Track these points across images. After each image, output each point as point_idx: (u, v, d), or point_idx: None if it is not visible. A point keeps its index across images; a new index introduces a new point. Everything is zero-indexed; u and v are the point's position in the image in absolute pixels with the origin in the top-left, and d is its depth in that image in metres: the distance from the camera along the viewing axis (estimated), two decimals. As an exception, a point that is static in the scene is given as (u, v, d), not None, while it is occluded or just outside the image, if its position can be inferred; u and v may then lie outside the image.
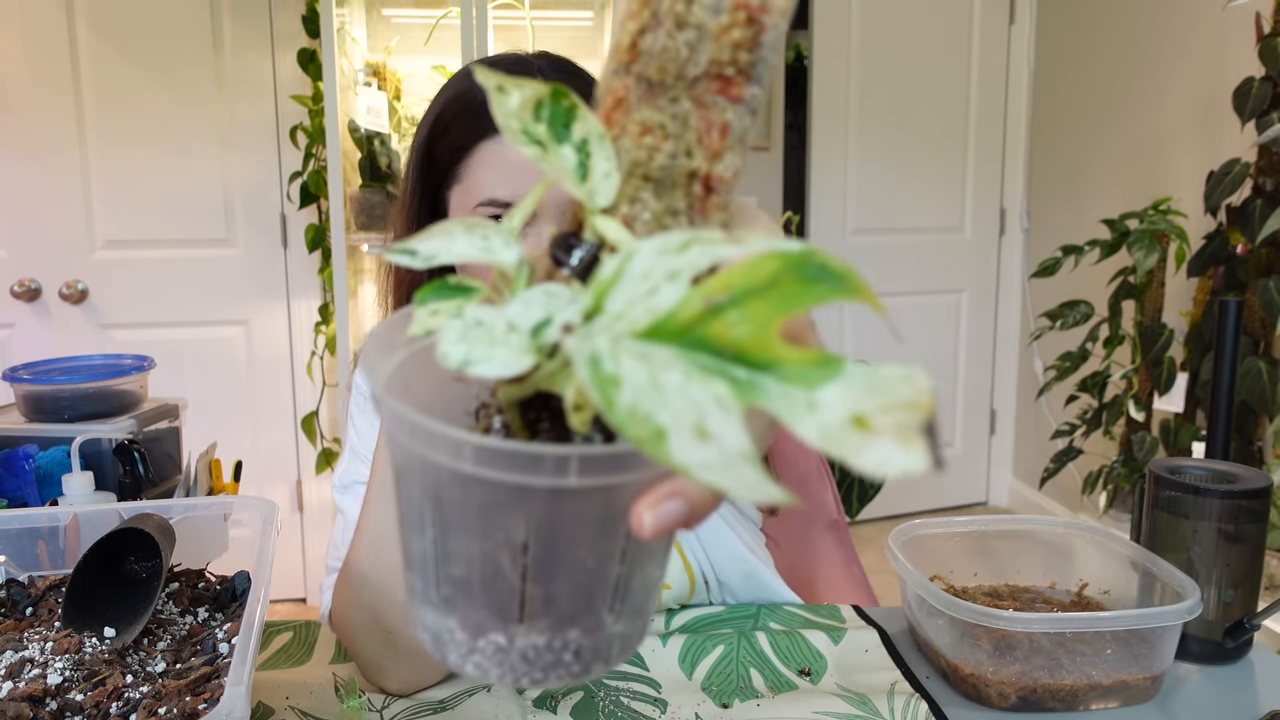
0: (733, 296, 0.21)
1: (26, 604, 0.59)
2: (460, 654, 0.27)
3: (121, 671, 0.51)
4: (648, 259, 0.22)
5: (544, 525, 0.25)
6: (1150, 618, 0.62)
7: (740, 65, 0.26)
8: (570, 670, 0.27)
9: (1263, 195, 1.75)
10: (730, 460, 0.20)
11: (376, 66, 2.07)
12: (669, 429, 0.20)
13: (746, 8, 0.25)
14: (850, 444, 0.19)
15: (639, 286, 0.22)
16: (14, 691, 0.49)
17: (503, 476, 0.23)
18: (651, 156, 0.27)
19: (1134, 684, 0.64)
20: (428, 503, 0.26)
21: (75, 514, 0.62)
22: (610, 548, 0.26)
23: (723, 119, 0.26)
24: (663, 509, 0.23)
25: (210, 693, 0.49)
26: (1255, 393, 1.69)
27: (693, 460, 0.19)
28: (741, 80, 0.26)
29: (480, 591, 0.26)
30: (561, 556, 0.26)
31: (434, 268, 0.51)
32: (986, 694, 0.64)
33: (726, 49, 0.26)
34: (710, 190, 0.27)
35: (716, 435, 0.20)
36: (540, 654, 0.27)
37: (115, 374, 0.79)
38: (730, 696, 0.64)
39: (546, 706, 0.63)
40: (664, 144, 0.27)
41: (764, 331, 0.21)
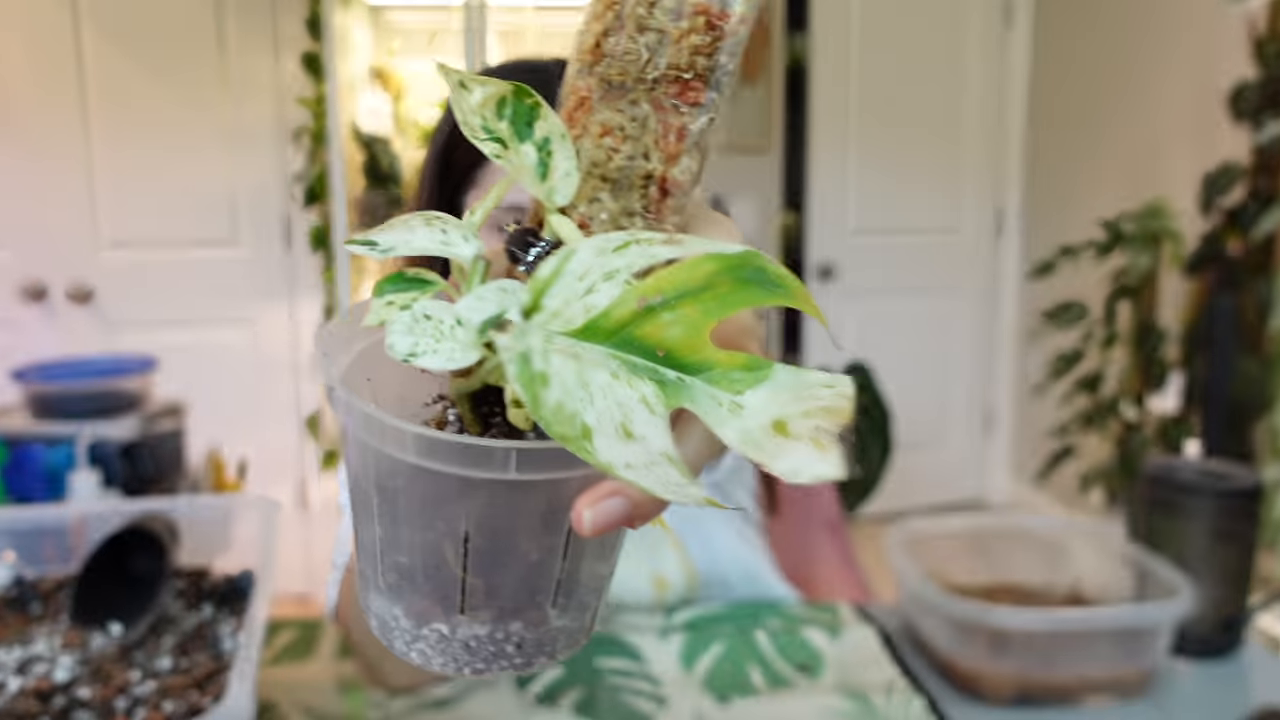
0: (666, 298, 0.21)
1: (34, 601, 0.60)
2: (405, 641, 0.28)
3: (127, 668, 0.52)
4: (586, 258, 0.22)
5: (485, 518, 0.25)
6: (1143, 614, 0.63)
7: (698, 70, 0.26)
8: (513, 662, 0.28)
9: (1257, 196, 1.76)
10: (654, 460, 0.20)
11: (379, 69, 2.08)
12: (594, 428, 0.20)
13: (706, 13, 0.26)
14: (768, 448, 0.19)
15: (576, 285, 0.22)
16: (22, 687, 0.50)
17: (444, 468, 0.24)
18: (610, 157, 0.27)
19: (1128, 680, 0.65)
20: (375, 491, 0.26)
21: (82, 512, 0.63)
22: (553, 543, 0.26)
23: (680, 122, 0.26)
24: (603, 507, 0.23)
25: (215, 689, 0.50)
26: (1249, 392, 1.70)
27: (616, 459, 0.19)
28: (699, 85, 0.26)
29: (424, 581, 0.27)
30: (503, 549, 0.26)
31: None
32: (982, 690, 0.65)
33: (685, 53, 0.26)
34: (666, 193, 0.27)
35: (640, 435, 0.20)
36: (482, 644, 0.27)
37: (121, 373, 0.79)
38: (729, 693, 0.65)
39: (547, 704, 0.64)
40: (622, 145, 0.27)
41: (696, 333, 0.21)
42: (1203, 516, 0.70)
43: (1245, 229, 1.73)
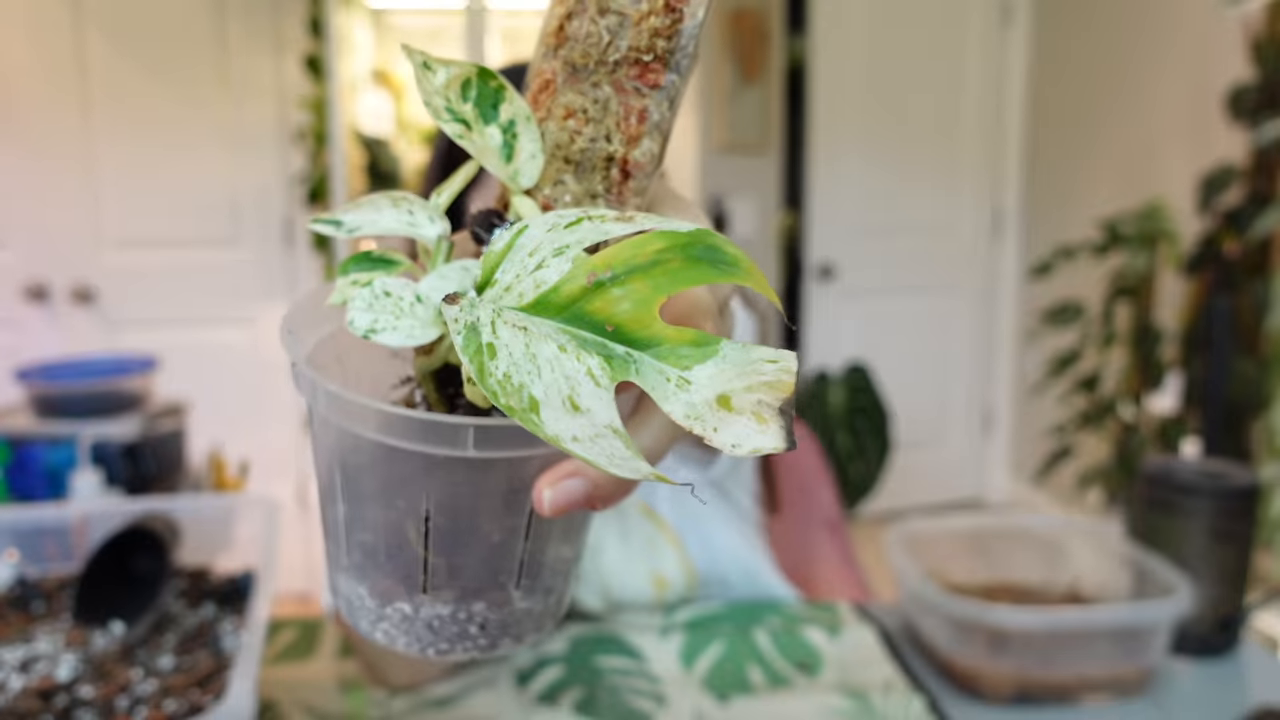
0: (615, 273, 0.21)
1: (36, 600, 0.60)
2: (370, 621, 0.28)
3: (129, 667, 0.52)
4: (538, 234, 0.22)
5: (447, 496, 0.25)
6: (1142, 613, 0.64)
7: (658, 52, 0.26)
8: (477, 644, 0.27)
9: (1254, 197, 1.76)
10: (600, 433, 0.20)
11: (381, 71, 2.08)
12: (541, 400, 0.20)
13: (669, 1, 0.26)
14: (710, 422, 0.20)
15: (527, 260, 0.22)
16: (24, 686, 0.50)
17: (403, 444, 0.24)
18: (573, 140, 0.27)
19: (1126, 678, 0.65)
20: (339, 470, 0.26)
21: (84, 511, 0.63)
22: (515, 523, 0.26)
23: (641, 105, 0.27)
24: (563, 487, 0.23)
25: (216, 688, 0.50)
26: (1245, 392, 1.71)
27: (563, 431, 0.19)
28: (659, 67, 0.26)
29: (387, 560, 0.27)
30: (465, 529, 0.26)
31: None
32: (982, 689, 0.65)
33: (645, 36, 0.26)
34: (627, 175, 0.27)
35: (587, 408, 0.20)
36: (445, 624, 0.27)
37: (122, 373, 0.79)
38: (729, 692, 0.65)
39: (547, 702, 0.64)
40: (585, 128, 0.27)
41: (645, 309, 0.21)
42: (1200, 516, 0.70)
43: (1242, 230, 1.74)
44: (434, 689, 0.66)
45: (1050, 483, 2.57)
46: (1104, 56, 2.43)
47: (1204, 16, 2.01)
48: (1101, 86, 2.45)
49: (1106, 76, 2.43)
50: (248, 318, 2.22)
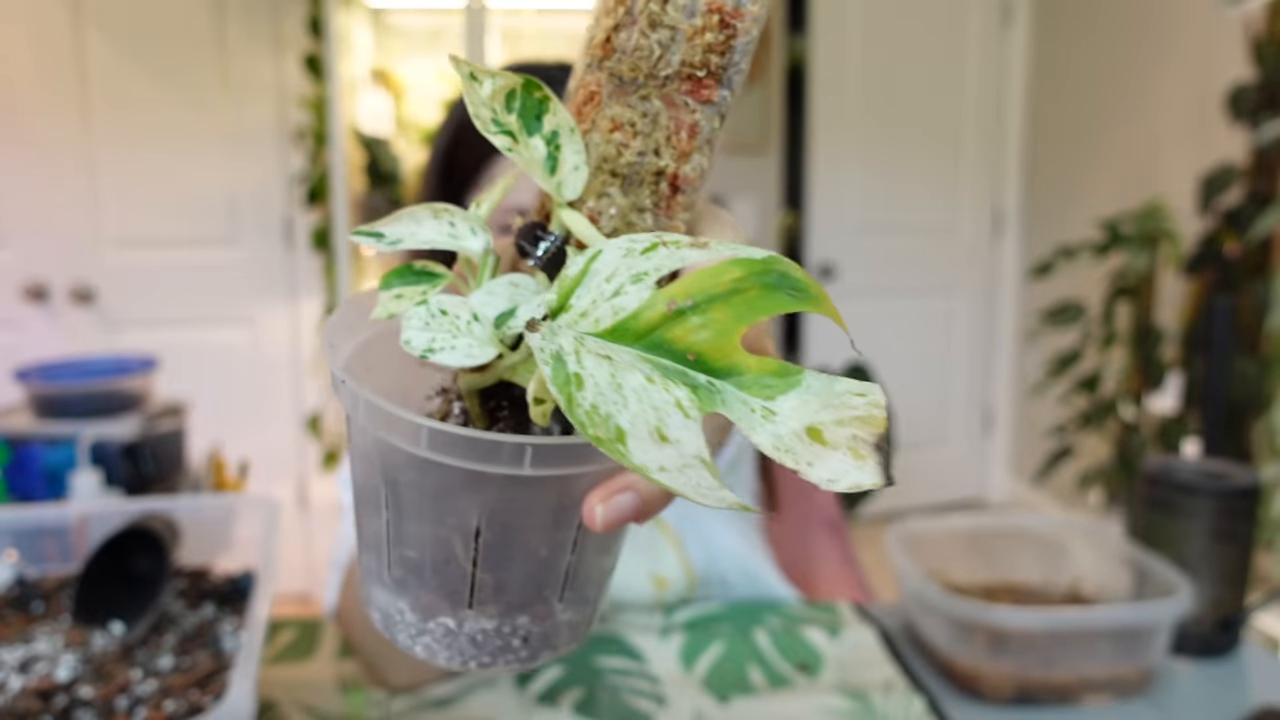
0: (696, 301, 0.21)
1: (35, 600, 0.60)
2: (409, 635, 0.27)
3: (129, 667, 0.52)
4: (613, 259, 0.22)
5: (498, 513, 0.25)
6: (1142, 613, 0.63)
7: (711, 68, 0.26)
8: (518, 656, 0.28)
9: (1254, 197, 1.76)
10: (687, 463, 0.20)
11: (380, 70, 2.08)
12: (628, 430, 0.20)
13: (720, 11, 0.26)
14: (803, 455, 0.20)
15: (604, 286, 0.22)
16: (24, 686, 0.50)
17: (458, 463, 0.23)
18: (620, 153, 0.27)
19: (1126, 679, 0.65)
20: (383, 485, 0.26)
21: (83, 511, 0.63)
22: (563, 537, 0.26)
23: (692, 120, 0.27)
24: (615, 502, 0.24)
25: (216, 688, 0.50)
26: (1246, 392, 1.71)
27: (650, 462, 0.20)
28: (712, 83, 0.26)
29: (432, 575, 0.26)
30: (514, 544, 0.26)
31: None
32: (982, 689, 0.65)
33: (699, 51, 0.26)
34: (676, 189, 0.27)
35: (675, 439, 0.20)
36: (489, 638, 0.27)
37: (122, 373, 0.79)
38: (729, 692, 0.65)
39: (548, 703, 0.64)
40: (633, 141, 0.27)
41: (725, 338, 0.21)
42: (1201, 516, 0.70)
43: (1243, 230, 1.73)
44: (434, 689, 0.66)
45: (1050, 483, 2.57)
46: (1104, 56, 2.43)
47: (1204, 17, 2.01)
48: (1101, 86, 2.45)
49: (1106, 76, 2.42)
50: (247, 317, 2.21)
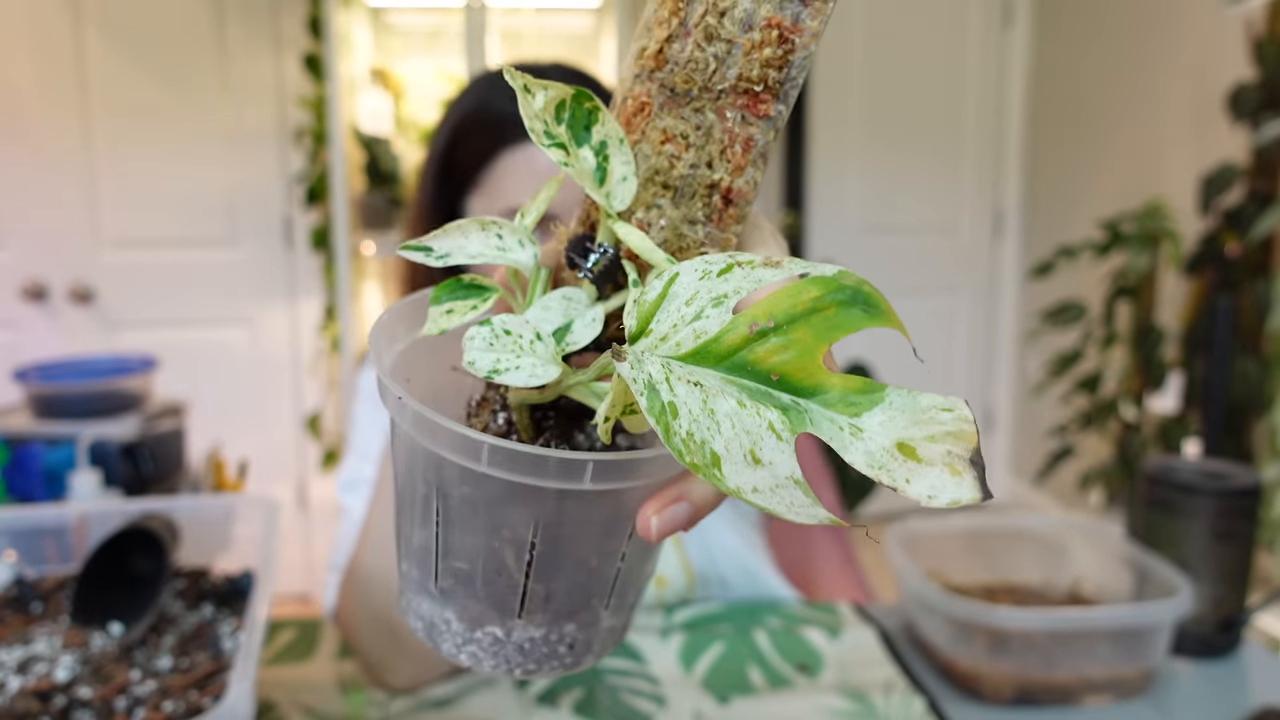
0: (777, 322, 0.21)
1: (34, 600, 0.60)
2: (455, 644, 0.28)
3: (128, 667, 0.52)
4: (690, 282, 0.22)
5: (551, 525, 0.25)
6: (1143, 614, 0.63)
7: (769, 83, 0.26)
8: (564, 662, 0.28)
9: (1255, 197, 1.76)
10: (780, 484, 0.20)
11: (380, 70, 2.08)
12: (723, 455, 0.20)
13: (779, 26, 0.25)
14: (899, 472, 0.20)
15: (684, 310, 0.22)
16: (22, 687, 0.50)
17: (517, 478, 0.23)
18: (672, 165, 0.27)
19: (1127, 679, 0.65)
20: (434, 497, 0.26)
21: (82, 512, 0.63)
22: (613, 547, 0.27)
23: (747, 134, 0.27)
24: (669, 513, 0.24)
25: (215, 689, 0.50)
26: (1247, 392, 1.71)
27: (744, 484, 0.20)
28: (769, 98, 0.26)
29: (482, 586, 0.26)
30: (565, 555, 0.26)
31: (447, 268, 0.53)
32: (982, 690, 0.65)
33: (756, 66, 0.26)
34: (730, 203, 0.28)
35: (769, 461, 0.20)
36: (536, 646, 0.27)
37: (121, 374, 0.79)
38: (729, 693, 0.65)
39: (548, 704, 0.64)
40: (685, 153, 0.27)
41: (809, 358, 0.21)
42: (1202, 516, 0.70)
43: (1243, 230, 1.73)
44: (433, 690, 0.66)
45: (1051, 483, 2.57)
46: (1105, 56, 2.43)
47: (1205, 17, 2.00)
48: (1102, 86, 2.44)
49: (1107, 76, 2.42)
50: (247, 318, 2.21)
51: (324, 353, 2.20)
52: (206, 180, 2.13)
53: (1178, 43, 2.14)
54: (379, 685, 0.65)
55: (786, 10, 0.25)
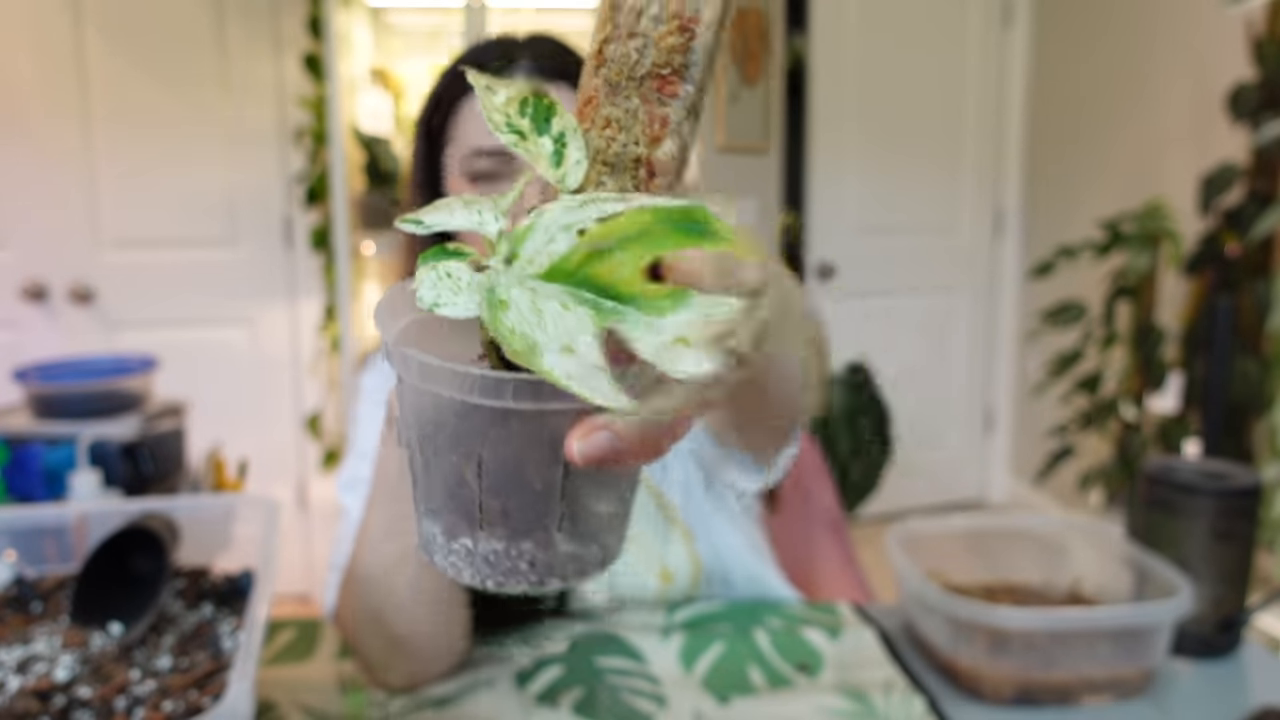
0: (611, 242, 0.26)
1: (34, 600, 0.60)
2: (441, 555, 0.32)
3: (127, 667, 0.52)
4: (555, 214, 0.27)
5: (498, 445, 0.30)
6: (1143, 614, 0.63)
7: (675, 66, 0.31)
8: (527, 578, 0.32)
9: (1255, 197, 1.76)
10: (588, 372, 0.24)
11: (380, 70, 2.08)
12: (543, 345, 0.25)
13: (680, 17, 0.30)
14: (669, 357, 0.24)
15: (543, 237, 0.27)
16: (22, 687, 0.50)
17: (462, 396, 0.28)
18: (609, 145, 0.31)
19: (1127, 679, 0.65)
20: (417, 427, 0.32)
21: (82, 511, 0.63)
22: (554, 473, 0.30)
23: (663, 113, 0.31)
24: (591, 439, 0.27)
25: (215, 688, 0.50)
26: (1247, 392, 1.70)
27: (560, 370, 0.24)
28: (676, 79, 0.31)
29: (450, 500, 0.31)
30: (511, 475, 0.30)
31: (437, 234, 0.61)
32: (982, 689, 0.65)
33: (664, 53, 0.31)
34: (652, 174, 0.32)
35: (580, 352, 0.25)
36: (500, 559, 0.32)
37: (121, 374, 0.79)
38: (729, 693, 0.65)
39: (548, 704, 0.64)
40: (619, 135, 0.31)
41: (633, 270, 0.25)
42: (1202, 516, 0.70)
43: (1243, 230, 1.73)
44: (433, 690, 0.65)
45: (1051, 483, 2.57)
46: (1105, 56, 2.43)
47: (1205, 16, 2.00)
48: (1102, 86, 2.44)
49: (1107, 76, 2.42)
50: (247, 318, 2.21)
51: (324, 353, 2.20)
52: (206, 180, 2.13)
53: (1178, 42, 2.14)
54: (378, 685, 0.65)
55: (688, 4, 0.30)
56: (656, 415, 0.25)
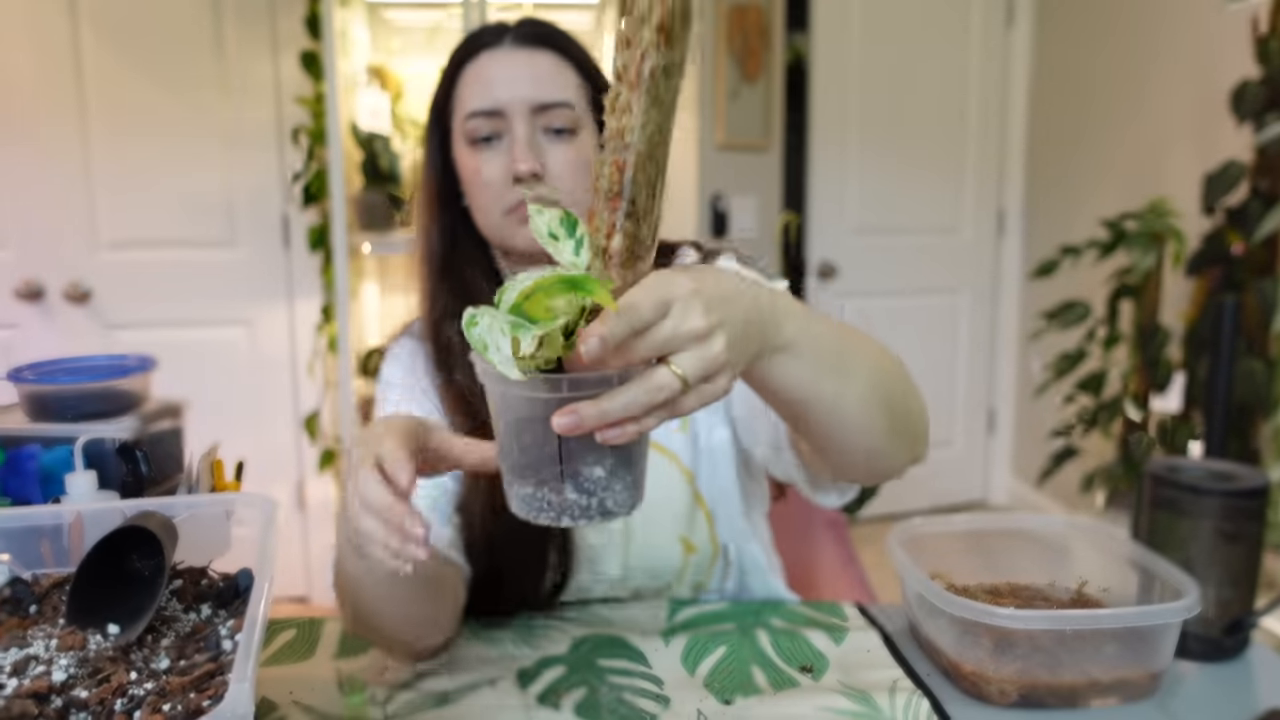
0: (534, 290, 0.43)
1: (31, 602, 0.59)
2: (509, 498, 0.48)
3: (125, 668, 0.51)
4: (518, 281, 0.44)
5: (521, 420, 0.46)
6: (1149, 616, 0.63)
7: (615, 189, 0.45)
8: (547, 514, 0.47)
9: (1259, 196, 1.75)
10: (506, 360, 0.43)
11: (378, 68, 2.07)
12: (490, 345, 0.43)
13: (618, 163, 0.45)
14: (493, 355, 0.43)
15: (511, 291, 0.44)
16: (19, 689, 0.49)
17: (497, 386, 0.46)
18: (594, 235, 0.47)
19: (1133, 681, 0.64)
20: (494, 413, 0.48)
21: (79, 512, 0.62)
22: (553, 442, 0.45)
23: (613, 218, 0.46)
24: (563, 419, 0.43)
25: (214, 689, 0.49)
26: (1252, 392, 1.70)
27: (496, 358, 0.43)
28: (618, 198, 0.45)
29: (505, 458, 0.48)
30: (530, 441, 0.46)
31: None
32: (987, 691, 0.64)
33: (607, 181, 0.46)
34: (609, 257, 0.47)
35: (501, 349, 0.43)
36: (530, 500, 0.47)
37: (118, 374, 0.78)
38: (732, 693, 0.65)
39: (549, 704, 0.63)
40: (596, 234, 0.47)
41: (538, 305, 0.44)
42: (1208, 517, 0.69)
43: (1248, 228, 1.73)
44: (434, 686, 0.65)
45: (1054, 484, 2.56)
46: (1108, 55, 2.43)
47: (1209, 14, 2.00)
48: (1105, 85, 2.44)
49: (1110, 75, 2.42)
50: (245, 318, 2.21)
51: (322, 352, 2.19)
52: (204, 180, 2.12)
53: (1181, 41, 2.13)
54: (389, 653, 0.68)
55: (621, 153, 0.45)
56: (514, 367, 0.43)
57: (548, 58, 0.73)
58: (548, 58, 0.73)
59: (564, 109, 0.72)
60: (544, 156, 0.72)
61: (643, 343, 0.43)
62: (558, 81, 0.73)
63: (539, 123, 0.73)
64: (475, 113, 0.73)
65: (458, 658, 0.70)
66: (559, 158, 0.73)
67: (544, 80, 0.72)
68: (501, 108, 0.72)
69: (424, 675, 0.67)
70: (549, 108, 0.72)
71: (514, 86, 0.72)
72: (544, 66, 0.73)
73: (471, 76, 0.74)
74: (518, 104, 0.72)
